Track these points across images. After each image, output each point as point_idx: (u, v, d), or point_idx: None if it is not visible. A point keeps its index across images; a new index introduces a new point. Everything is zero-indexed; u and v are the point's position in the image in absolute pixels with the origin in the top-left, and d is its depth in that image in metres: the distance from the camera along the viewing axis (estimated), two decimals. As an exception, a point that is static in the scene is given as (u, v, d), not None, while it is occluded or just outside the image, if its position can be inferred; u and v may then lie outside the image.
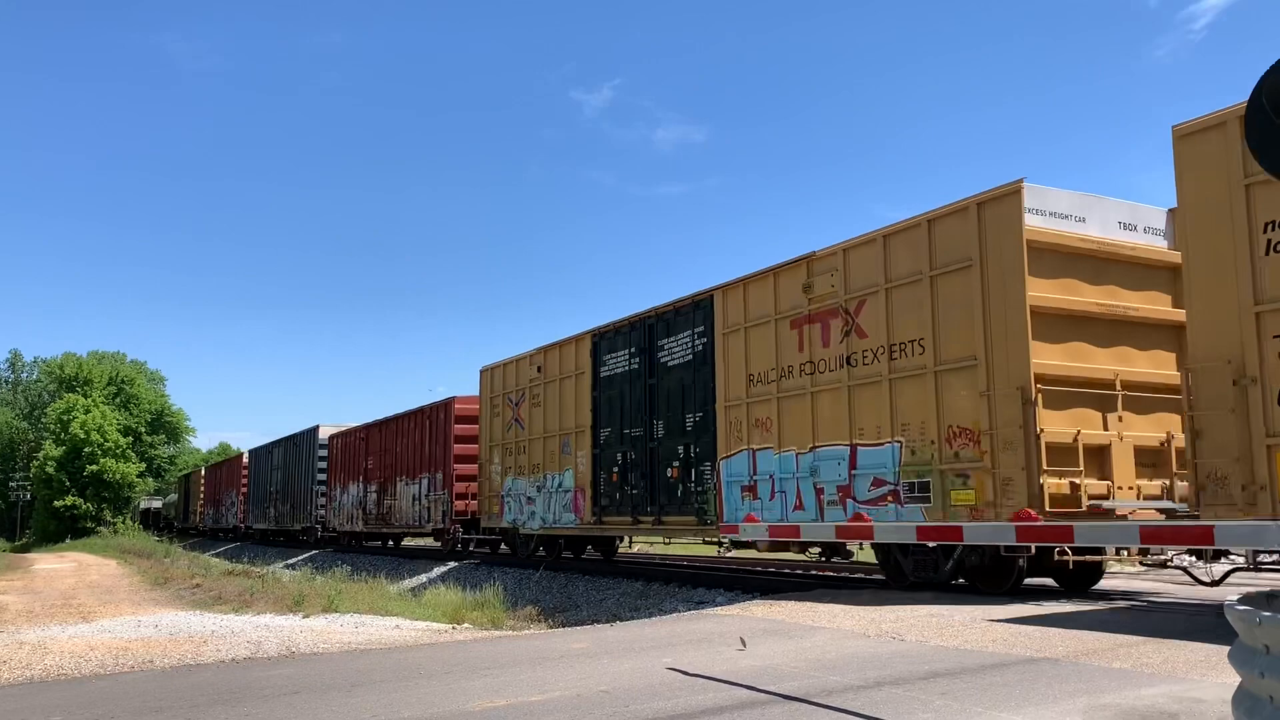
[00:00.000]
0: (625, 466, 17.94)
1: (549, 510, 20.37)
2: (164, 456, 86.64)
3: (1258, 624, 3.40)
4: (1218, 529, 8.38)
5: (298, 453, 41.23)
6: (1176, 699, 5.65)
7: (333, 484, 36.94)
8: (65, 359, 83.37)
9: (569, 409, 19.96)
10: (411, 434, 29.36)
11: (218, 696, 6.81)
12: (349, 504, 34.64)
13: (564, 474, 19.86)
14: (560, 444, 20.12)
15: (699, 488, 15.93)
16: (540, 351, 21.41)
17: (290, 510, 41.75)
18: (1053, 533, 8.86)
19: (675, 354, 16.94)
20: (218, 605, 15.72)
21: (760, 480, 14.62)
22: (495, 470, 23.15)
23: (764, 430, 14.70)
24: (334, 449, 37.04)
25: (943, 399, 11.95)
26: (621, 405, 18.14)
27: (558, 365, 20.55)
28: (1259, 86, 4.04)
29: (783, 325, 14.50)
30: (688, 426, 16.39)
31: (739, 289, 15.49)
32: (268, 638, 10.36)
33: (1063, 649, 7.51)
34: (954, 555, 11.95)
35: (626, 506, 17.85)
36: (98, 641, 10.50)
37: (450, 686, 6.85)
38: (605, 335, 19.09)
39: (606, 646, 8.59)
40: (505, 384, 22.90)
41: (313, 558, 34.57)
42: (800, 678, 6.66)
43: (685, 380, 16.56)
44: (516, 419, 22.17)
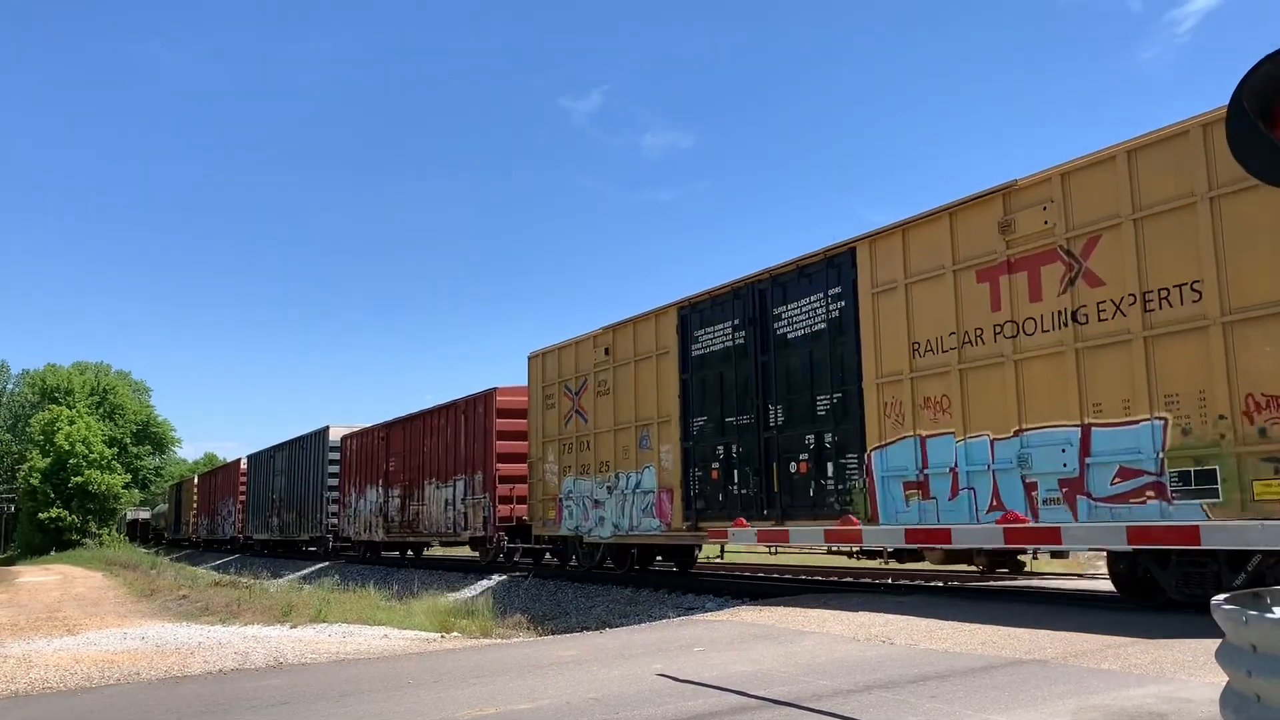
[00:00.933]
0: (728, 461, 15.11)
1: (623, 515, 17.38)
2: (149, 467, 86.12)
3: (1244, 623, 3.41)
4: (1203, 529, 8.41)
5: (305, 456, 37.92)
6: (1165, 699, 5.67)
7: (346, 489, 33.58)
8: (48, 370, 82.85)
9: (648, 396, 16.97)
10: (443, 431, 26.13)
11: (205, 708, 6.77)
12: (366, 511, 31.57)
13: (642, 472, 16.98)
14: (637, 437, 17.19)
15: (839, 485, 13.14)
16: (607, 331, 18.34)
17: (296, 519, 38.37)
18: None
19: (798, 323, 13.99)
20: (205, 616, 15.63)
21: (935, 474, 11.73)
22: (550, 470, 20.09)
23: (938, 412, 11.79)
24: (348, 451, 33.72)
25: (1238, 359, 9.00)
26: (721, 389, 15.30)
27: (631, 345, 17.56)
28: (1238, 91, 4.07)
29: (965, 278, 11.51)
30: (819, 411, 13.53)
31: (895, 237, 12.48)
32: (255, 648, 10.29)
33: (1051, 650, 7.53)
34: (1250, 566, 9.14)
35: (732, 508, 14.83)
36: (83, 654, 10.42)
37: (439, 695, 6.82)
38: (697, 306, 16.04)
39: (596, 653, 8.57)
40: (562, 370, 19.78)
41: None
42: (790, 682, 6.66)
43: (814, 355, 13.68)
44: (577, 410, 19.13)
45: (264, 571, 31.24)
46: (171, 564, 38.57)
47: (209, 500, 55.98)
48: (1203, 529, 8.53)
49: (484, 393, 23.82)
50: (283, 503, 40.36)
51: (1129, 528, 9.16)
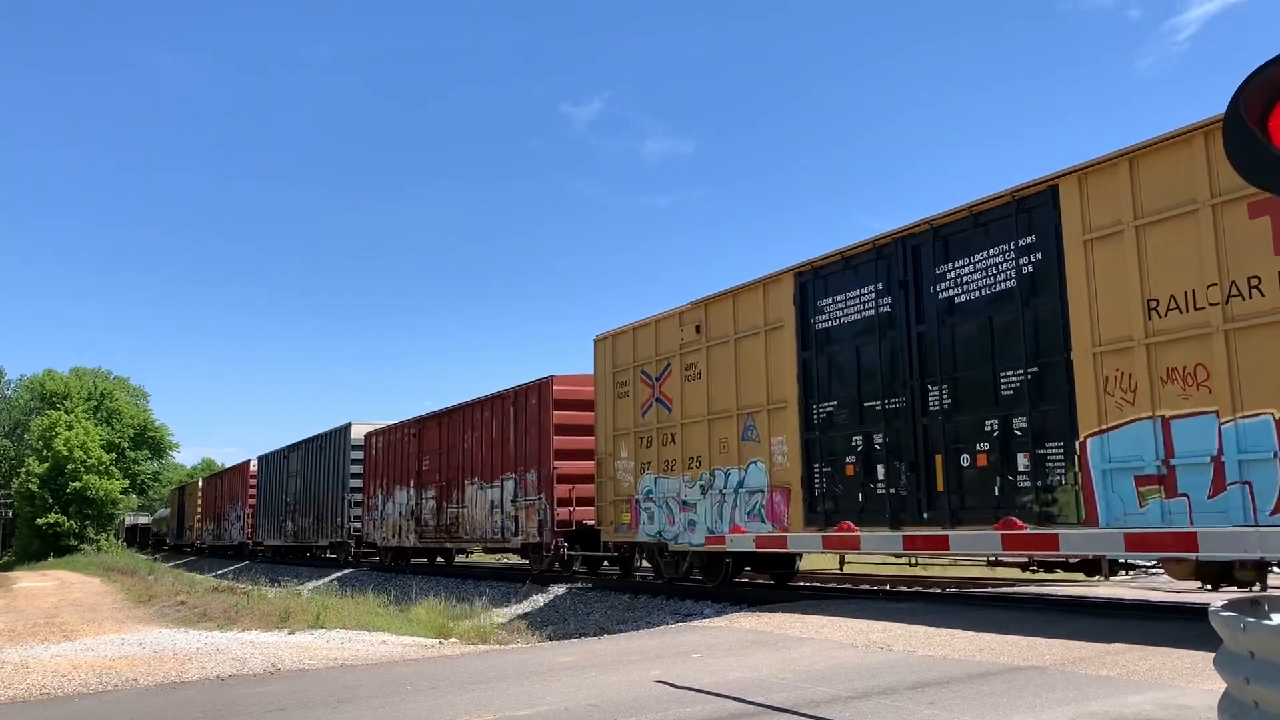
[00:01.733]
0: (869, 454, 12.67)
1: (721, 518, 14.94)
2: (148, 472, 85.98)
3: (1242, 630, 3.41)
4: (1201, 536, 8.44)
5: (323, 456, 35.07)
6: (1163, 706, 5.67)
7: (371, 491, 30.80)
8: (47, 375, 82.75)
9: (754, 379, 14.53)
10: (487, 426, 23.42)
11: (202, 714, 6.76)
12: (395, 514, 28.75)
13: (746, 468, 14.55)
14: (739, 428, 14.74)
15: (1037, 481, 10.69)
16: (698, 305, 15.84)
17: (314, 523, 35.46)
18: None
19: (971, 284, 11.52)
20: (202, 622, 15.60)
21: (1185, 465, 9.27)
22: (623, 467, 17.52)
23: (1189, 385, 9.35)
24: (373, 449, 30.93)
25: None
26: (858, 367, 12.91)
27: (730, 320, 15.08)
28: (1235, 100, 4.07)
29: (1231, 213, 9.02)
30: (1004, 390, 11.08)
31: (1116, 170, 10.05)
32: (253, 654, 10.28)
33: (1049, 657, 7.52)
34: None
35: (875, 510, 12.39)
36: (81, 660, 10.40)
37: (437, 702, 6.81)
38: (821, 271, 13.59)
39: (594, 660, 8.56)
40: (638, 353, 17.30)
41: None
42: (788, 689, 6.65)
43: (995, 321, 11.22)
44: (659, 398, 16.66)
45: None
46: (170, 570, 38.38)
47: (215, 504, 53.61)
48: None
49: (538, 382, 21.29)
50: (298, 506, 37.67)
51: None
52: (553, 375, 20.78)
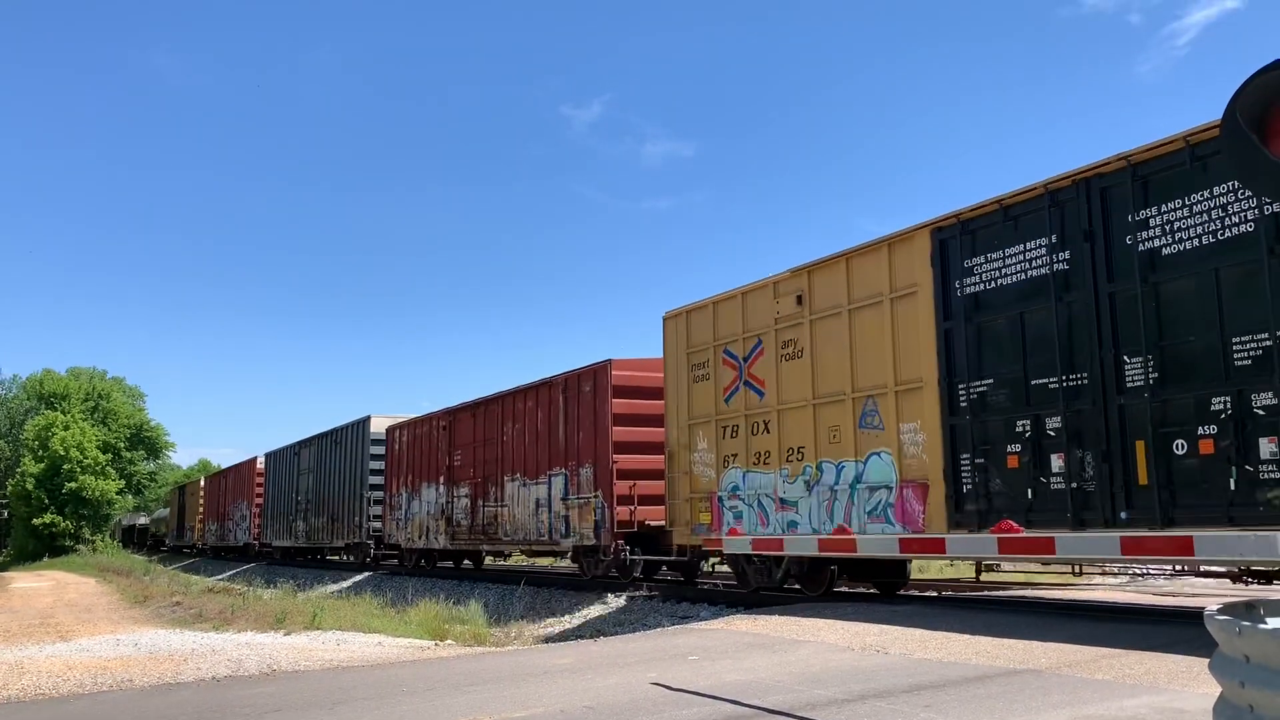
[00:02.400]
0: (1039, 442, 10.68)
1: (831, 518, 13.01)
2: (144, 473, 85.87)
3: (1238, 634, 3.42)
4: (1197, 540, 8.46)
5: (339, 452, 32.84)
6: (1159, 710, 5.67)
7: (394, 488, 28.46)
8: (45, 375, 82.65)
9: (875, 356, 12.58)
10: (531, 416, 21.33)
11: (197, 715, 6.75)
12: (422, 513, 26.48)
13: (867, 461, 12.60)
14: (856, 413, 12.79)
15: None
16: (798, 273, 13.85)
17: (328, 523, 33.23)
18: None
19: (1183, 232, 9.58)
20: (198, 623, 15.58)
21: None
22: (701, 460, 15.58)
23: None
24: (396, 444, 28.64)
25: None
26: (1023, 338, 10.91)
27: (842, 289, 13.12)
28: (1232, 105, 4.09)
29: None
30: (1237, 361, 9.13)
31: None
32: (249, 655, 10.27)
33: (1046, 660, 7.53)
34: None
35: (1052, 509, 10.46)
36: (76, 661, 10.39)
37: (433, 703, 6.81)
38: (970, 224, 11.57)
39: (590, 662, 8.56)
40: (719, 330, 15.35)
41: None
42: (784, 691, 6.65)
43: (1222, 277, 9.28)
44: (747, 381, 14.69)
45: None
46: (167, 571, 38.25)
47: (218, 504, 51.45)
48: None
49: (593, 367, 19.21)
50: (310, 505, 35.41)
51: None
52: (611, 359, 18.76)
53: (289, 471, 38.41)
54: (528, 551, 23.30)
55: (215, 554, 51.54)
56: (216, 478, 54.44)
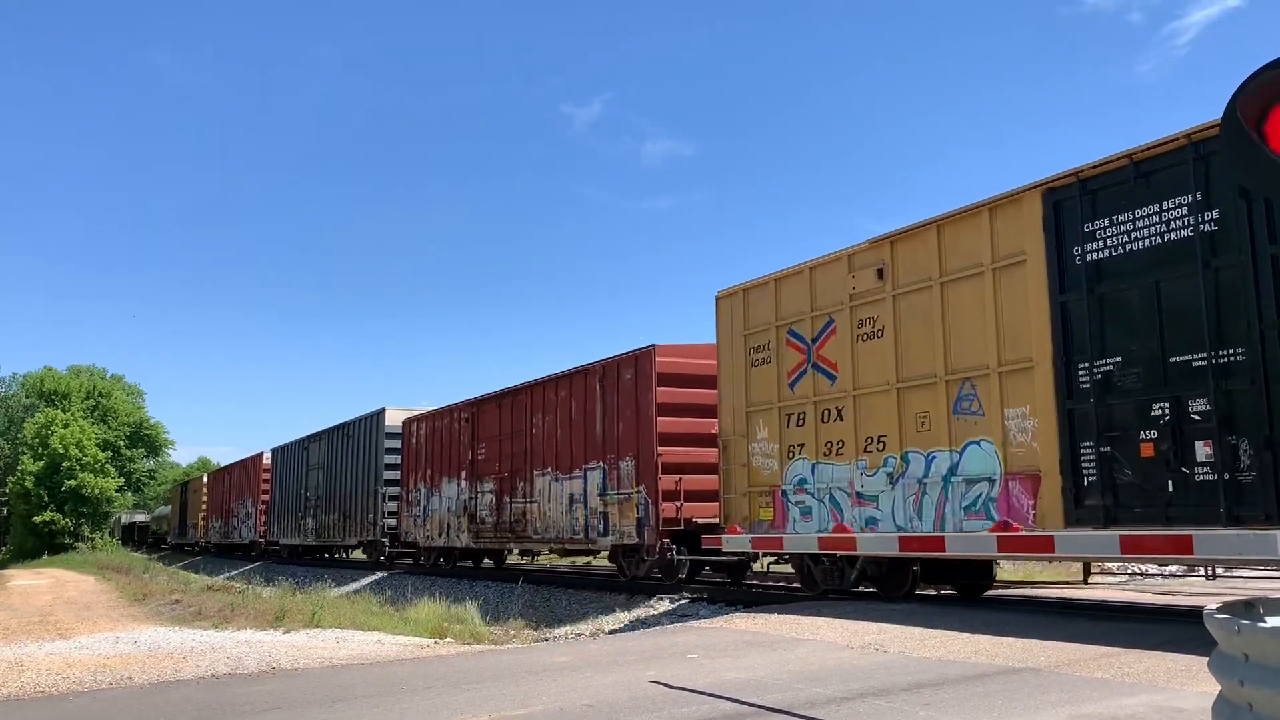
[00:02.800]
0: (1181, 427, 9.39)
1: (920, 514, 11.70)
2: (143, 470, 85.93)
3: (1236, 632, 3.42)
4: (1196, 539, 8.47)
5: (351, 446, 31.48)
6: (1157, 708, 5.68)
7: (412, 484, 27.10)
8: (45, 373, 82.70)
9: (974, 333, 11.31)
10: (563, 407, 19.97)
11: (197, 713, 6.76)
12: (442, 510, 25.02)
13: (963, 450, 11.33)
14: (950, 397, 11.54)
15: None
16: (878, 244, 12.62)
17: (340, 521, 31.87)
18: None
19: None
20: (197, 621, 15.60)
21: None
22: (761, 451, 14.30)
23: None
24: (413, 438, 27.27)
25: None
26: (1158, 309, 9.66)
27: (933, 259, 11.85)
28: (1233, 103, 4.09)
29: None
30: None
31: None
32: (248, 653, 10.27)
33: (1045, 659, 7.54)
34: None
35: (1199, 504, 9.13)
36: (75, 658, 10.39)
37: (432, 701, 6.81)
38: (1091, 184, 10.26)
39: (589, 660, 8.57)
40: (783, 309, 14.08)
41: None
42: (783, 690, 6.66)
43: None
44: (815, 363, 13.46)
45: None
46: (166, 569, 38.18)
47: (222, 501, 49.82)
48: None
49: (636, 353, 17.90)
50: (321, 502, 34.01)
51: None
52: (654, 344, 17.52)
53: (297, 467, 37.04)
54: (559, 551, 21.67)
55: (219, 552, 50.35)
56: (221, 474, 52.59)
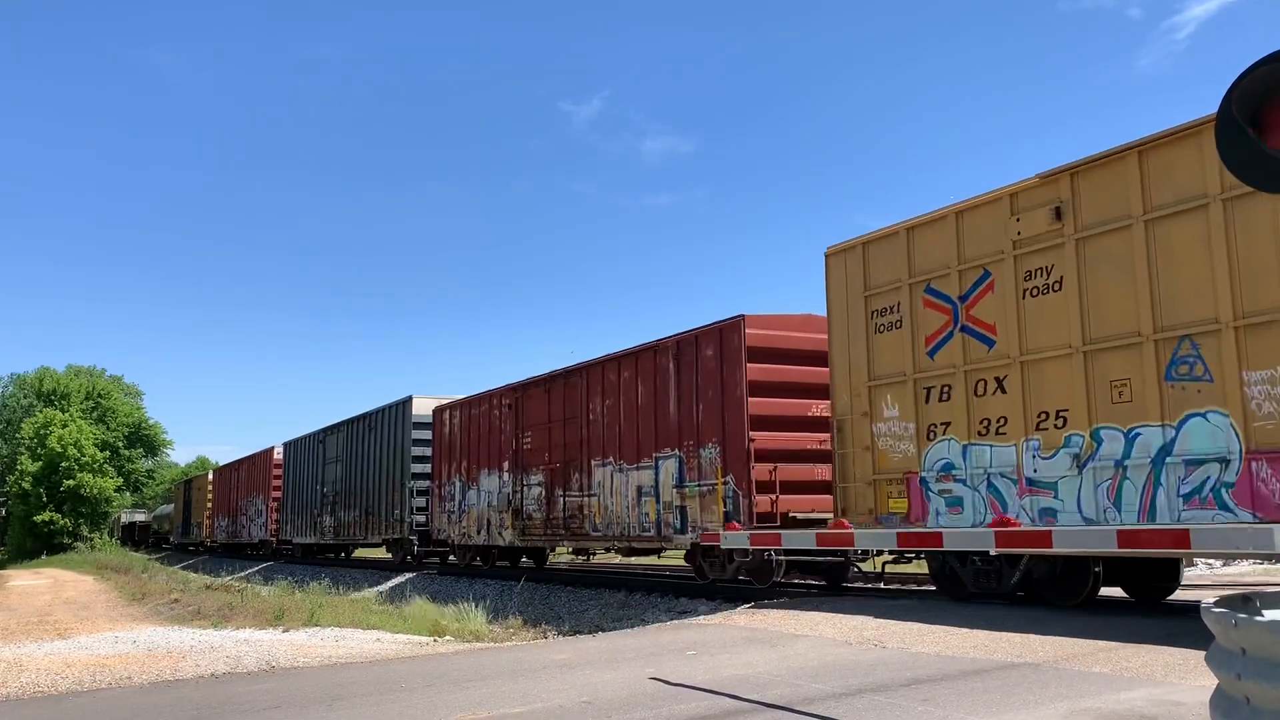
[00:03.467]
0: None
1: (1119, 503, 9.87)
2: (141, 471, 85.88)
3: (1234, 626, 3.42)
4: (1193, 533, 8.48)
5: (374, 438, 29.36)
6: (1155, 702, 5.69)
7: (444, 477, 24.88)
8: (42, 374, 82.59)
9: (1196, 279, 9.43)
10: (627, 389, 17.78)
11: (197, 712, 6.75)
12: (481, 505, 22.78)
13: (1180, 425, 9.44)
14: (1162, 360, 9.61)
15: None
16: (1052, 179, 10.82)
17: (361, 517, 29.91)
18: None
19: None
20: (196, 620, 15.58)
21: None
22: (889, 431, 12.51)
23: None
24: (446, 427, 25.05)
25: None
26: None
27: (1134, 193, 9.96)
28: (1228, 97, 4.08)
29: None
30: None
31: None
32: (247, 652, 10.27)
33: (1043, 654, 7.54)
34: None
35: None
36: (74, 658, 10.38)
37: (431, 699, 6.81)
38: None
39: (589, 657, 8.57)
40: (918, 263, 12.27)
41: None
42: (783, 686, 6.66)
43: None
44: (967, 326, 11.58)
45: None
46: (165, 569, 38.00)
47: (229, 498, 47.71)
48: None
49: (719, 325, 15.80)
50: (339, 498, 31.88)
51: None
52: (743, 314, 15.44)
53: (313, 461, 34.94)
54: (624, 550, 18.87)
55: (226, 552, 48.69)
56: (228, 470, 49.68)
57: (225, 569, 39.47)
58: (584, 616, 16.27)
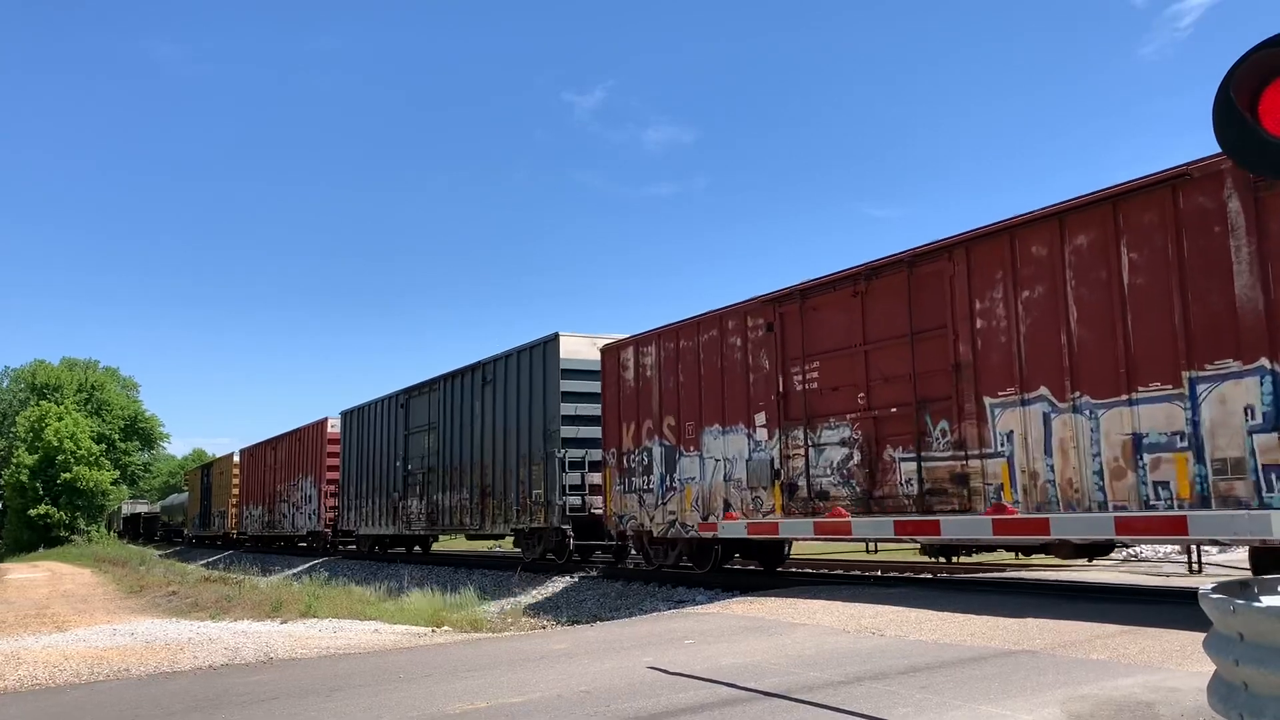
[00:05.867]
0: None
1: None
2: (138, 464, 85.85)
3: (1232, 612, 3.43)
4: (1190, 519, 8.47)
5: (495, 396, 21.83)
6: (1153, 688, 5.70)
7: (626, 442, 17.23)
8: (36, 366, 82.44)
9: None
10: (1054, 274, 10.41)
11: (194, 704, 6.75)
12: (709, 479, 15.21)
13: None
14: None
15: None
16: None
17: (474, 502, 22.44)
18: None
19: None
20: (194, 612, 15.59)
21: None
22: None
23: None
24: (628, 371, 17.36)
25: None
26: None
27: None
28: (1226, 81, 4.07)
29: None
30: None
31: None
32: (245, 644, 10.27)
33: (1040, 641, 7.56)
34: None
35: None
36: (72, 650, 10.38)
37: (429, 689, 6.81)
38: None
39: (587, 647, 8.58)
40: None
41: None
42: (781, 674, 6.67)
43: None
44: None
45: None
46: (161, 560, 37.87)
47: (262, 483, 40.43)
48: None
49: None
50: (434, 476, 24.79)
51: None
52: None
53: (388, 432, 28.17)
54: (1087, 546, 11.04)
55: (259, 546, 42.19)
56: (261, 450, 42.07)
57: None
58: (582, 606, 16.22)
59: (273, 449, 39.87)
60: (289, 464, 37.24)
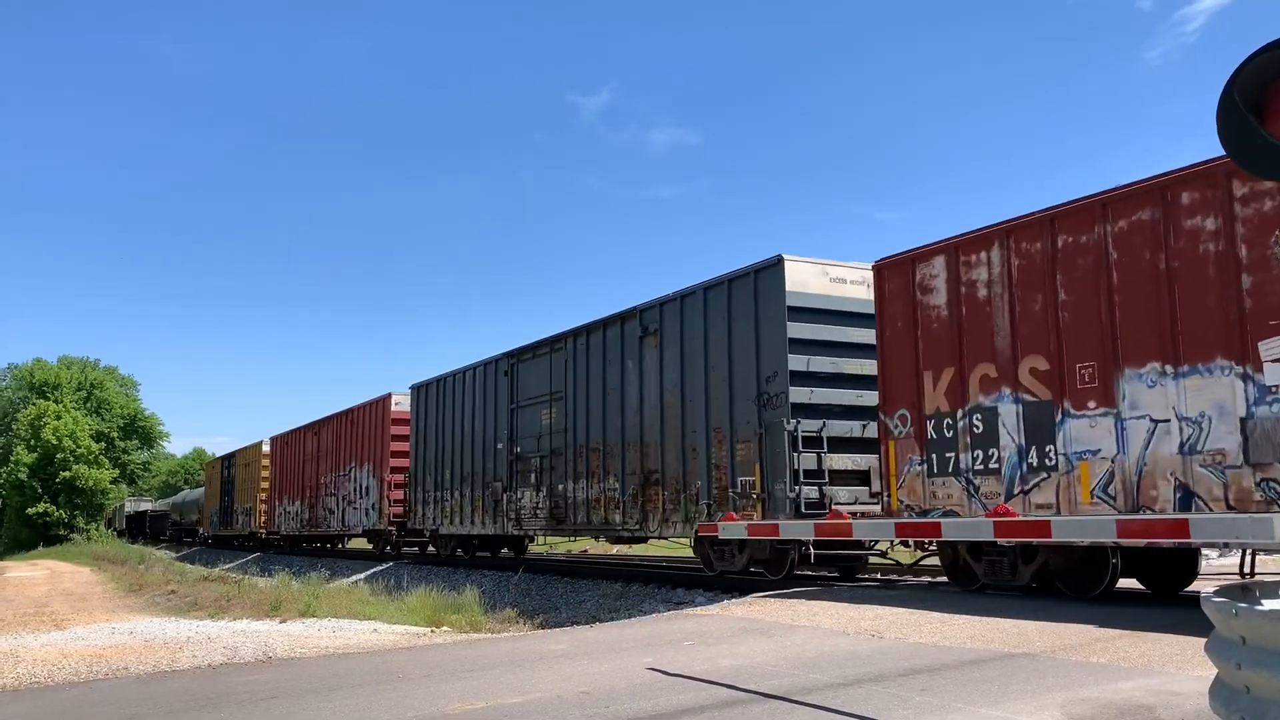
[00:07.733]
0: None
1: None
2: (137, 462, 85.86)
3: (1234, 615, 3.42)
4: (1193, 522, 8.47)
5: (676, 344, 16.19)
6: (1154, 692, 5.69)
7: (940, 393, 11.90)
8: (35, 365, 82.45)
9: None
10: None
11: (193, 702, 6.74)
12: (1131, 453, 9.73)
13: None
14: None
15: None
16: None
17: (631, 492, 17.12)
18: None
19: None
20: (193, 611, 15.59)
21: None
22: None
23: None
24: (931, 295, 12.04)
25: None
26: None
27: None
28: (1230, 84, 4.07)
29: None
30: None
31: None
32: (244, 643, 10.25)
33: (1040, 644, 7.55)
34: None
35: None
36: (71, 649, 10.37)
37: (429, 690, 6.80)
38: None
39: (586, 648, 8.57)
40: None
41: None
42: (781, 676, 6.66)
43: None
44: None
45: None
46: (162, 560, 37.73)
47: (302, 474, 35.15)
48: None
49: None
50: (564, 460, 19.29)
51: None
52: None
53: (485, 408, 22.53)
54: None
55: (295, 546, 38.04)
56: (301, 435, 36.00)
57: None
58: (581, 607, 16.23)
59: (314, 434, 34.17)
60: (337, 451, 31.63)
